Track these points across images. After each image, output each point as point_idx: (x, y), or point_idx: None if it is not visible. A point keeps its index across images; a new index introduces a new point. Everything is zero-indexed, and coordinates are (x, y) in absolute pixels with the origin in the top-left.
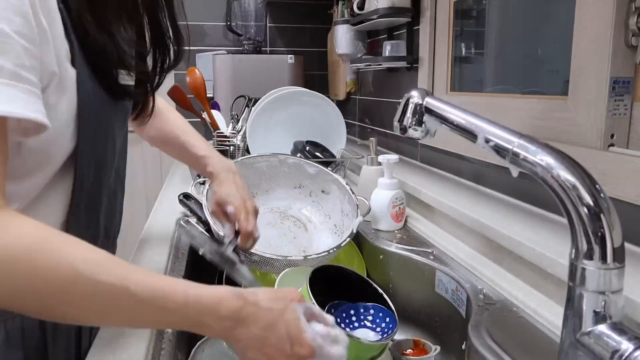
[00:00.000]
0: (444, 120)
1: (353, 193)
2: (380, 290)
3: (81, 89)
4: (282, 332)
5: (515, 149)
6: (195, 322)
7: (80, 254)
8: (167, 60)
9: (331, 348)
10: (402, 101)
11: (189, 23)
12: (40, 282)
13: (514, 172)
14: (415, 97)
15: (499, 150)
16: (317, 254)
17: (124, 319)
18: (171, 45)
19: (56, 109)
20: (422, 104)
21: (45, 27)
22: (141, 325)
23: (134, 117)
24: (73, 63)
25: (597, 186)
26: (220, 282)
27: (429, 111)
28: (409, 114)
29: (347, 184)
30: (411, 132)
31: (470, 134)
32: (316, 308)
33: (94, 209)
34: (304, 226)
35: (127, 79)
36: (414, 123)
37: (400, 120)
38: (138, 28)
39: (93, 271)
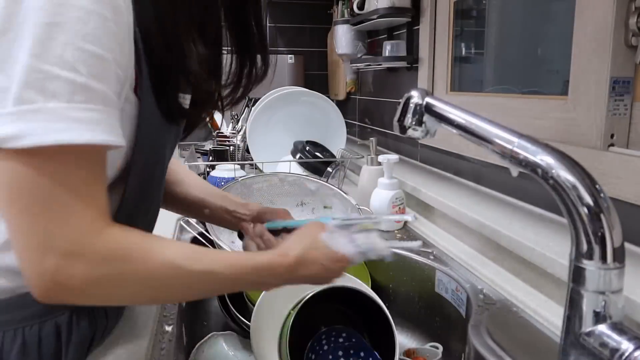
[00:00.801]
0: (444, 120)
1: (356, 204)
2: (388, 315)
3: (141, 117)
4: (321, 259)
5: (515, 149)
6: (260, 284)
7: (178, 252)
8: (254, 71)
9: (359, 243)
10: (402, 101)
11: None
12: (152, 282)
13: (514, 172)
14: (415, 97)
15: (499, 150)
16: None
17: (212, 293)
18: (259, 56)
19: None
20: (422, 104)
21: (128, 53)
22: (224, 292)
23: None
24: (135, 90)
25: (597, 186)
26: None
27: (429, 111)
28: (409, 113)
29: (347, 194)
30: (411, 132)
31: (470, 134)
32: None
33: (130, 225)
34: None
35: (186, 100)
36: (414, 123)
37: (400, 120)
38: (215, 38)
39: (191, 263)
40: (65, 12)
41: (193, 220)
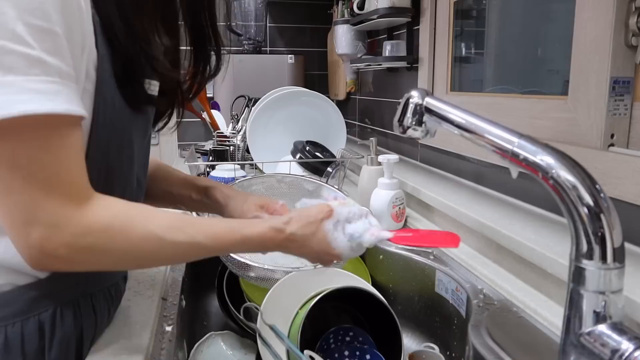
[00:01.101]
0: (444, 120)
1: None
2: (395, 317)
3: (99, 97)
4: (315, 248)
5: (515, 149)
6: (250, 251)
7: (159, 222)
8: (208, 69)
9: (354, 244)
10: (402, 101)
11: None
12: (135, 250)
13: (514, 173)
14: (415, 97)
15: (499, 150)
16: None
17: (199, 258)
18: (212, 52)
19: None
20: (422, 104)
21: (79, 29)
22: (211, 256)
23: (159, 127)
24: (97, 71)
25: (597, 186)
26: (220, 281)
27: (429, 111)
28: (409, 114)
29: (346, 194)
30: (411, 132)
31: (470, 134)
32: (343, 214)
33: None
34: None
35: (153, 88)
36: (414, 123)
37: (400, 120)
38: (176, 33)
39: (173, 235)
40: None
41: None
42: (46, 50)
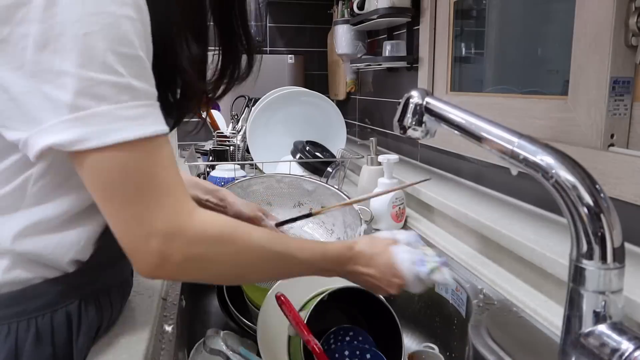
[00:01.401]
0: (444, 120)
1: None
2: (395, 317)
3: None
4: (381, 268)
5: (515, 149)
6: (325, 271)
7: (259, 233)
8: (237, 71)
9: (422, 271)
10: (402, 101)
11: None
12: (241, 258)
13: (514, 170)
14: (415, 97)
15: (499, 150)
16: None
17: (286, 274)
18: (244, 56)
19: None
20: (422, 104)
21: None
22: (295, 275)
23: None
24: None
25: (597, 186)
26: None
27: (429, 111)
28: (409, 114)
29: (346, 195)
30: (411, 132)
31: (470, 134)
32: (409, 239)
33: None
34: None
35: (175, 92)
36: (414, 123)
37: (400, 120)
38: (203, 39)
39: (272, 245)
40: (99, 20)
41: None
42: (134, 76)
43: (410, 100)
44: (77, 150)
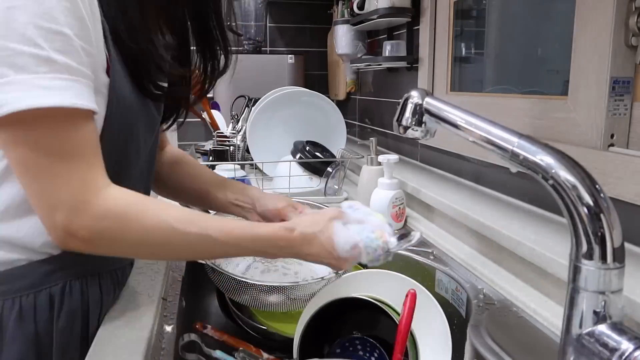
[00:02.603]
0: (443, 120)
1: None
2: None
3: (113, 95)
4: (327, 246)
5: (515, 149)
6: (262, 253)
7: (172, 213)
8: (216, 66)
9: (365, 249)
10: (401, 101)
11: None
12: (149, 237)
13: (513, 168)
14: (414, 97)
15: (499, 150)
16: (312, 279)
17: (209, 255)
18: (220, 51)
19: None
20: (421, 104)
21: (91, 30)
22: (223, 257)
23: (166, 125)
24: (107, 72)
25: (597, 186)
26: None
27: (429, 111)
28: (408, 114)
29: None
30: (411, 132)
31: (470, 134)
32: (356, 217)
33: None
34: (296, 261)
35: (164, 82)
36: (413, 123)
37: (400, 120)
38: (181, 32)
39: (185, 226)
40: None
41: None
42: (56, 50)
43: (410, 100)
44: None
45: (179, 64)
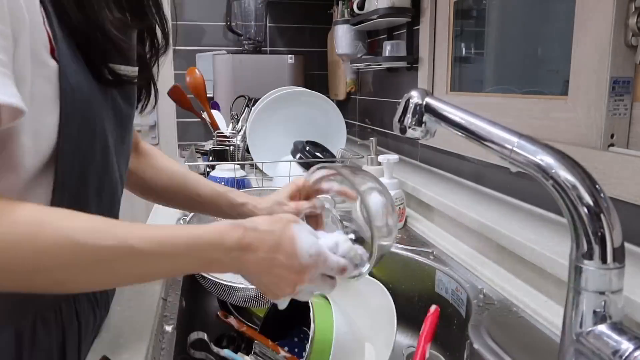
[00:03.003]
0: (443, 120)
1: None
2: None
3: (64, 82)
4: (288, 249)
5: (515, 149)
6: (205, 260)
7: (77, 225)
8: (155, 43)
9: (335, 258)
10: (402, 101)
11: (189, 23)
12: (46, 259)
13: (513, 168)
14: (415, 97)
15: (499, 150)
16: None
17: (136, 276)
18: (158, 27)
19: (33, 97)
20: (422, 104)
21: (22, 6)
22: (155, 277)
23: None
24: (53, 54)
25: (597, 186)
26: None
27: (429, 111)
28: (408, 114)
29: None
30: (411, 132)
31: (470, 134)
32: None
33: (80, 209)
34: None
35: (121, 69)
36: (413, 123)
37: (400, 120)
38: (123, 6)
39: (94, 238)
40: None
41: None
42: None
43: (410, 100)
44: None
45: (126, 40)
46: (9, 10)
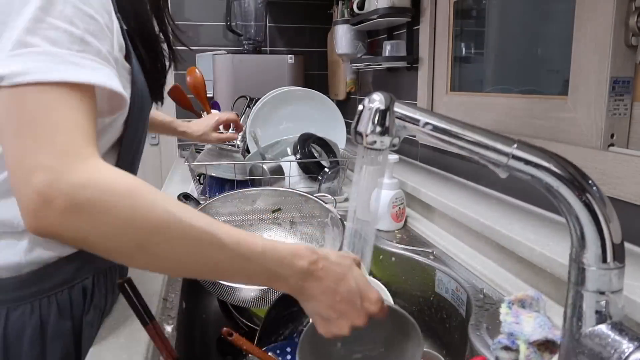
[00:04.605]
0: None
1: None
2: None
3: (134, 87)
4: (352, 284)
5: (512, 152)
6: (272, 273)
7: (172, 201)
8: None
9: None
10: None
11: (189, 23)
12: (139, 220)
13: (503, 174)
14: (377, 102)
15: (494, 159)
16: None
17: (208, 266)
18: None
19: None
20: (385, 110)
21: (115, 26)
22: (223, 275)
23: None
24: (127, 59)
25: (594, 187)
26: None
27: (399, 119)
28: (369, 121)
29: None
30: (370, 140)
31: (460, 142)
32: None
33: None
34: None
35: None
36: (377, 131)
37: (357, 127)
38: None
39: (185, 215)
40: None
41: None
42: (89, 33)
43: (370, 106)
44: (16, 82)
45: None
46: (115, 27)
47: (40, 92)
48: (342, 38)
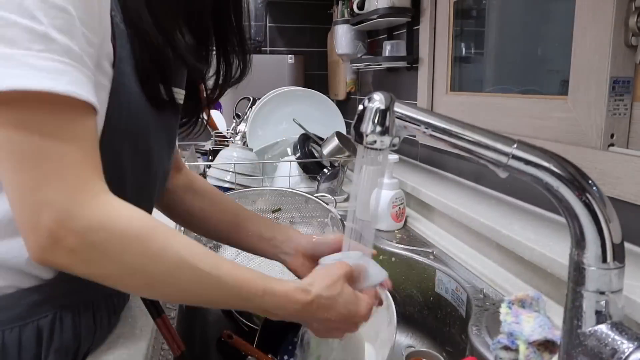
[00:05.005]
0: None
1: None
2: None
3: (114, 98)
4: (342, 311)
5: (511, 152)
6: (269, 312)
7: (183, 243)
8: (230, 74)
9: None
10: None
11: None
12: (150, 264)
13: (502, 174)
14: (377, 102)
15: (494, 160)
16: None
17: (211, 301)
18: (236, 57)
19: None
20: (385, 110)
21: (98, 18)
22: (223, 307)
23: (185, 134)
24: (113, 67)
25: (594, 187)
26: None
27: (399, 119)
28: (369, 120)
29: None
30: (370, 139)
31: (459, 141)
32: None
33: None
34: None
35: (178, 96)
36: (377, 131)
37: (357, 127)
38: (198, 32)
39: (194, 259)
40: None
41: None
42: (56, 28)
43: (372, 105)
44: None
45: (200, 66)
46: (99, 20)
47: (14, 108)
48: (342, 38)
